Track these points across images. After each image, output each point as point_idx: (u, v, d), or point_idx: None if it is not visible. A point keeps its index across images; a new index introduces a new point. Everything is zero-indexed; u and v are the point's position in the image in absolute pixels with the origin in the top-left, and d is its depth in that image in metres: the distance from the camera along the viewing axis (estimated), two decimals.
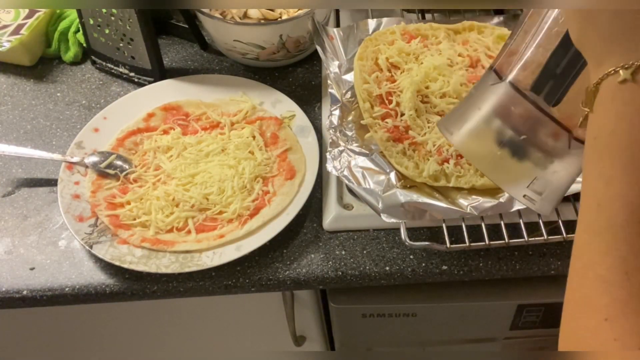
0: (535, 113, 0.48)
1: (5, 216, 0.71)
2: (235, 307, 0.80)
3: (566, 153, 0.48)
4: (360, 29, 0.80)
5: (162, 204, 0.68)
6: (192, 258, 0.64)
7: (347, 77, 0.74)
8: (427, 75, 0.71)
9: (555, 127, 0.48)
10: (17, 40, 0.85)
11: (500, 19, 0.83)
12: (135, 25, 0.79)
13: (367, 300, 0.74)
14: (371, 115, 0.68)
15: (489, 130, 0.50)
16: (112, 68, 0.86)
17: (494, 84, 0.50)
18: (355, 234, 0.68)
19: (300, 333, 0.84)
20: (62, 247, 0.68)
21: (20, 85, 0.86)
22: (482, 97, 0.51)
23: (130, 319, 0.83)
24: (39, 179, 0.75)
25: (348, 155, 0.66)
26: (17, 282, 0.65)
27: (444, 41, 0.77)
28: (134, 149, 0.75)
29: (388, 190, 0.63)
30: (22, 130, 0.80)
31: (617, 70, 0.37)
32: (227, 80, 0.82)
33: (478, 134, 0.51)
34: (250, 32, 0.78)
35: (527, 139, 0.49)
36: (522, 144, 0.49)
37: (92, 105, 0.83)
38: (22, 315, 0.78)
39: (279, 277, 0.65)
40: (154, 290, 0.65)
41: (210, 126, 0.77)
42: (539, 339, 0.81)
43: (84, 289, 0.65)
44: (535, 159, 0.49)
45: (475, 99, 0.52)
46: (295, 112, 0.77)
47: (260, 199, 0.69)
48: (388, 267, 0.65)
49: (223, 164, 0.71)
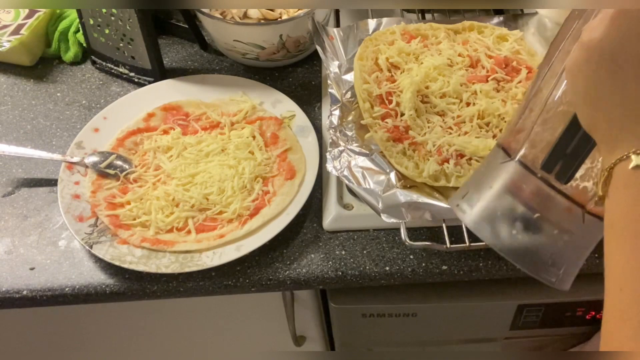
0: (547, 190, 0.47)
1: (5, 216, 0.71)
2: (235, 307, 0.80)
3: (581, 227, 0.48)
4: (360, 29, 0.80)
5: (162, 204, 0.68)
6: (192, 258, 0.64)
7: (347, 77, 0.74)
8: (427, 75, 0.71)
9: (569, 203, 0.47)
10: (17, 40, 0.85)
11: (500, 19, 0.83)
12: (135, 25, 0.79)
13: (367, 300, 0.74)
14: (371, 115, 0.68)
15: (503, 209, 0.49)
16: (112, 68, 0.86)
17: (504, 162, 0.50)
18: (355, 234, 0.68)
19: (300, 333, 0.84)
20: (62, 247, 0.68)
21: (20, 85, 0.86)
22: (493, 175, 0.51)
23: (130, 319, 0.83)
24: (39, 179, 0.75)
25: (348, 155, 0.66)
26: (17, 282, 0.65)
27: (444, 41, 0.77)
28: (134, 149, 0.75)
29: (388, 190, 0.63)
30: (22, 130, 0.80)
31: (629, 155, 0.38)
32: (227, 80, 0.82)
33: (491, 213, 0.50)
34: (250, 32, 0.79)
35: (540, 217, 0.48)
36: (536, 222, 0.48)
37: (92, 105, 0.83)
38: (22, 315, 0.78)
39: (279, 277, 0.65)
40: (154, 290, 0.65)
41: (210, 126, 0.77)
42: (539, 339, 0.81)
43: (84, 289, 0.65)
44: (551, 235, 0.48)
45: (486, 176, 0.51)
46: (295, 112, 0.77)
47: (260, 199, 0.69)
48: (388, 267, 0.65)
49: (223, 164, 0.71)
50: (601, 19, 0.39)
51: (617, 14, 0.38)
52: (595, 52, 0.39)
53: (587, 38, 0.39)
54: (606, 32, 0.38)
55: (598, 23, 0.39)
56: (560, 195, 0.47)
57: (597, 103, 0.40)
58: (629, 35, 0.37)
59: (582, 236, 0.48)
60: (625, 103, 0.38)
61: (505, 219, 0.49)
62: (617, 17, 0.38)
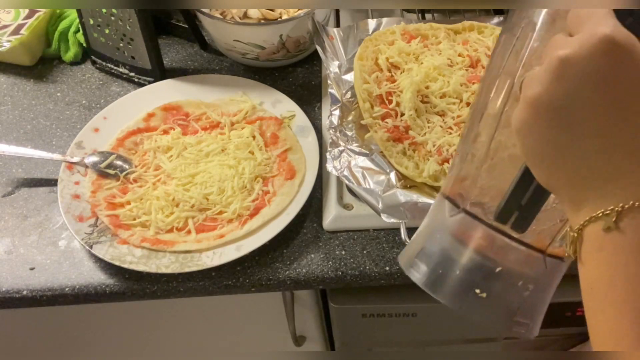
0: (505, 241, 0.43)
1: (5, 216, 0.71)
2: (235, 307, 0.80)
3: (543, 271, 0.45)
4: (360, 29, 0.80)
5: (162, 204, 0.68)
6: (192, 258, 0.64)
7: (347, 77, 0.74)
8: (427, 75, 0.71)
9: (528, 250, 0.44)
10: (17, 40, 0.85)
11: (500, 19, 0.83)
12: (135, 25, 0.79)
13: (367, 300, 0.74)
14: (371, 115, 0.68)
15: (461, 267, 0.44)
16: (112, 68, 0.86)
17: (453, 214, 0.45)
18: (355, 234, 0.68)
19: (300, 333, 0.84)
20: (62, 247, 0.68)
21: (20, 85, 0.86)
22: (443, 230, 0.46)
23: (130, 319, 0.83)
24: (39, 179, 0.75)
25: (348, 155, 0.66)
26: (17, 282, 0.65)
27: (444, 41, 0.77)
28: (134, 149, 0.75)
29: (388, 190, 0.63)
30: (22, 130, 0.80)
31: (598, 216, 0.35)
32: (227, 80, 0.82)
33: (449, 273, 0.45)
34: (250, 32, 0.78)
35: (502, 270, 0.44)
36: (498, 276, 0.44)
37: (92, 105, 0.83)
38: (22, 315, 0.78)
39: (279, 277, 0.65)
40: (154, 290, 0.65)
41: (210, 126, 0.77)
42: (539, 339, 0.81)
43: (84, 289, 0.65)
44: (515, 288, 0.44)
45: (436, 232, 0.47)
46: (295, 112, 0.77)
47: (260, 199, 0.69)
48: (388, 267, 0.65)
49: (223, 164, 0.71)
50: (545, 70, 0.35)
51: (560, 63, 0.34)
52: (544, 108, 0.35)
53: (532, 93, 0.35)
54: (552, 85, 0.34)
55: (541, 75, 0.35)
56: (520, 244, 0.43)
57: (555, 162, 0.36)
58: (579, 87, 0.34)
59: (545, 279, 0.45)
60: (586, 160, 0.35)
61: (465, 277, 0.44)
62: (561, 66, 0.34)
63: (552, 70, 0.34)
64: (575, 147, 0.35)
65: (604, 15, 0.34)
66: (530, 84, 0.36)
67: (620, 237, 0.34)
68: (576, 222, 0.36)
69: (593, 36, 0.33)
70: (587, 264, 0.36)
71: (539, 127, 0.36)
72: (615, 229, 0.34)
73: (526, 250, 0.44)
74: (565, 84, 0.34)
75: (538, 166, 0.38)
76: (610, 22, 0.34)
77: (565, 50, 0.34)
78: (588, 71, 0.33)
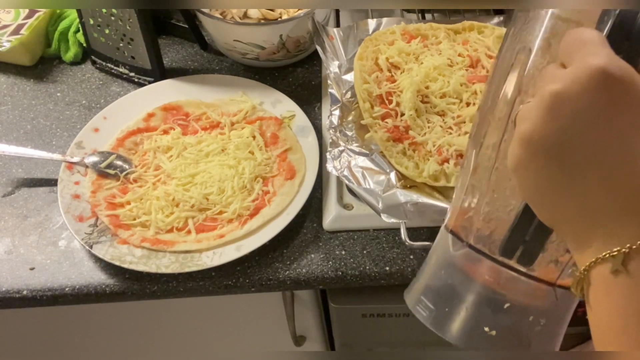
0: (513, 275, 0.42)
1: (5, 216, 0.71)
2: (235, 307, 0.80)
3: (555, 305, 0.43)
4: (360, 29, 0.80)
5: (162, 204, 0.68)
6: (192, 258, 0.64)
7: (347, 77, 0.74)
8: (427, 75, 0.71)
9: (537, 284, 0.42)
10: (17, 40, 0.85)
11: (500, 19, 0.83)
12: (135, 25, 0.79)
13: (367, 300, 0.74)
14: (371, 115, 0.68)
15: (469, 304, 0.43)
16: (112, 68, 0.86)
17: (458, 250, 0.44)
18: (355, 234, 0.68)
19: (300, 333, 0.84)
20: (62, 247, 0.68)
21: (20, 85, 0.86)
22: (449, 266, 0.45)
23: (130, 319, 0.83)
24: (39, 179, 0.75)
25: (348, 155, 0.66)
26: (17, 282, 0.65)
27: (444, 41, 0.77)
28: (134, 149, 0.75)
29: (388, 190, 0.63)
30: (22, 130, 0.80)
31: (604, 257, 0.33)
32: (227, 80, 0.82)
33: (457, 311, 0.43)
34: (250, 32, 0.78)
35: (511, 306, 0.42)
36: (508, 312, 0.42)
37: (92, 105, 0.83)
38: (22, 315, 0.78)
39: (279, 277, 0.65)
40: (154, 290, 0.65)
41: (210, 126, 0.77)
42: None
43: (84, 289, 0.65)
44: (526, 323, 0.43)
45: (442, 267, 0.45)
46: (295, 112, 0.77)
47: (260, 199, 0.69)
48: (388, 267, 0.65)
49: (223, 164, 0.71)
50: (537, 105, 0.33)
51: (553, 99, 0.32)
52: (539, 145, 0.33)
53: (524, 129, 0.34)
54: (545, 121, 0.32)
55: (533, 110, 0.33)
56: (528, 278, 0.41)
57: (555, 201, 0.34)
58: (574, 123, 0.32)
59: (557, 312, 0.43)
60: (589, 199, 0.33)
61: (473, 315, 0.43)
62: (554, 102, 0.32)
63: (544, 106, 0.32)
64: (576, 186, 0.33)
65: (597, 44, 0.32)
66: (523, 119, 0.34)
67: (629, 282, 0.32)
68: (581, 263, 0.34)
69: (586, 69, 0.31)
70: (596, 308, 0.34)
71: (536, 165, 0.34)
72: (624, 272, 0.32)
73: (535, 283, 0.42)
74: (559, 121, 0.32)
75: (538, 205, 0.36)
76: (604, 52, 0.32)
77: (557, 85, 0.32)
78: (583, 107, 0.31)
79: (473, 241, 0.43)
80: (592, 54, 0.32)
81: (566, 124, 0.32)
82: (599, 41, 0.32)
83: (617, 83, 0.31)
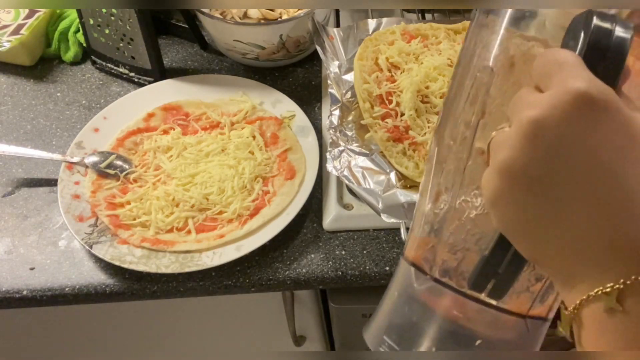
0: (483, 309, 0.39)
1: (5, 216, 0.71)
2: (235, 307, 0.80)
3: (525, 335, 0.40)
4: (360, 29, 0.80)
5: (162, 204, 0.68)
6: (192, 258, 0.64)
7: (347, 77, 0.74)
8: (427, 75, 0.71)
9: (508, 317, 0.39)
10: (17, 40, 0.85)
11: None
12: (135, 25, 0.79)
13: (367, 300, 0.74)
14: (371, 115, 0.68)
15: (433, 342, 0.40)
16: (112, 68, 0.86)
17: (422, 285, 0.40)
18: (355, 234, 0.68)
19: (300, 333, 0.84)
20: (62, 247, 0.68)
21: (20, 85, 0.86)
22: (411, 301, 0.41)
23: (130, 319, 0.83)
24: (39, 179, 0.75)
25: (348, 155, 0.66)
26: (17, 282, 0.65)
27: (444, 41, 0.77)
28: (134, 149, 0.75)
29: (388, 190, 0.63)
30: (22, 130, 0.80)
31: (596, 294, 0.30)
32: (227, 80, 0.82)
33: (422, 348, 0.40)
34: (250, 32, 0.78)
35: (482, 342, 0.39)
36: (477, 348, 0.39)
37: (92, 105, 0.83)
38: (22, 315, 0.78)
39: (279, 277, 0.65)
40: (154, 290, 0.65)
41: (210, 126, 0.77)
42: None
43: (84, 289, 0.65)
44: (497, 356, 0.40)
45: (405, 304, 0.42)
46: (295, 112, 0.77)
47: (260, 199, 0.69)
48: (388, 267, 0.65)
49: (223, 164, 0.71)
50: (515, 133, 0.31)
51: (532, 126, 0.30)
52: (519, 175, 0.31)
53: (503, 158, 0.31)
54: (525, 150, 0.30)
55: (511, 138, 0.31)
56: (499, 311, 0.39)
57: (539, 235, 0.31)
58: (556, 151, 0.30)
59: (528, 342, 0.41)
60: (576, 231, 0.30)
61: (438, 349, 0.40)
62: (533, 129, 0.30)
63: (523, 134, 0.30)
64: (562, 218, 0.30)
65: (575, 66, 0.30)
66: (499, 148, 0.32)
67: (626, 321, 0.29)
68: (570, 301, 0.32)
69: (566, 93, 0.29)
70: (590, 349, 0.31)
71: (516, 197, 0.31)
72: (620, 310, 0.29)
73: (507, 317, 0.39)
74: (540, 149, 0.30)
75: (519, 239, 0.33)
76: (584, 75, 0.30)
77: (535, 111, 0.30)
78: (564, 133, 0.29)
79: (439, 274, 0.39)
80: (571, 76, 0.30)
81: (548, 152, 0.30)
82: (576, 63, 0.30)
83: (600, 107, 0.29)
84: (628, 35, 0.31)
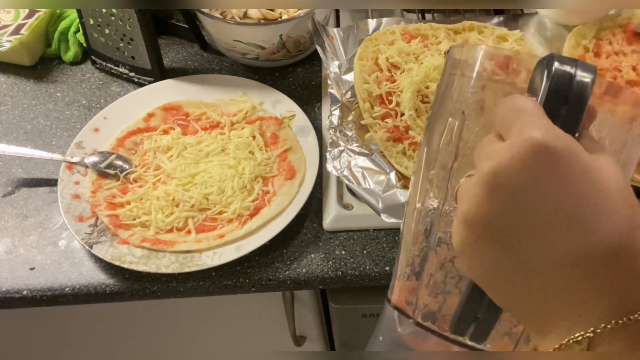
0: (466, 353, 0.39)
1: (5, 216, 0.71)
2: (235, 307, 0.80)
3: None
4: (360, 29, 0.80)
5: (162, 204, 0.68)
6: (192, 258, 0.64)
7: (347, 77, 0.74)
8: (427, 75, 0.71)
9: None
10: (17, 40, 0.85)
11: (500, 19, 0.83)
12: (135, 25, 0.79)
13: (367, 300, 0.74)
14: (371, 115, 0.68)
15: None
16: (112, 68, 0.86)
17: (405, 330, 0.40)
18: (355, 234, 0.68)
19: (300, 333, 0.84)
20: (62, 247, 0.68)
21: (20, 85, 0.86)
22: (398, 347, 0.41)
23: (130, 319, 0.83)
24: (39, 179, 0.75)
25: (348, 155, 0.66)
26: (17, 282, 0.65)
27: (444, 41, 0.77)
28: (134, 149, 0.75)
29: (388, 190, 0.63)
30: (22, 130, 0.80)
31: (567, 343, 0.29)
32: (227, 80, 0.82)
33: None
34: (250, 32, 0.78)
35: None
36: None
37: (92, 105, 0.83)
38: (22, 315, 0.78)
39: (279, 277, 0.65)
40: (154, 290, 0.65)
41: (210, 126, 0.77)
42: None
43: (84, 289, 0.65)
44: None
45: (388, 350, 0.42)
46: (295, 112, 0.77)
47: (260, 199, 0.69)
48: (388, 267, 0.65)
49: (223, 164, 0.71)
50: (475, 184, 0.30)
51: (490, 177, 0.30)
52: (483, 227, 0.31)
53: (465, 210, 0.31)
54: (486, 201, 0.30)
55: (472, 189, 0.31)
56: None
57: (508, 285, 0.31)
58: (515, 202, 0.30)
59: None
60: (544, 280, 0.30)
61: None
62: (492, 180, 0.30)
63: (482, 185, 0.30)
64: (527, 268, 0.30)
65: (533, 114, 0.30)
66: (463, 198, 0.32)
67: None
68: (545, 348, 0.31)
69: (523, 143, 0.29)
70: None
71: (482, 248, 0.31)
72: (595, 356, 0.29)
73: None
74: (500, 200, 0.30)
75: (489, 287, 0.33)
76: (541, 124, 0.29)
77: (494, 162, 0.30)
78: (524, 184, 0.29)
79: (421, 318, 0.39)
80: (529, 125, 0.29)
81: (508, 203, 0.30)
82: (534, 111, 0.30)
83: (558, 156, 0.29)
84: (589, 78, 0.31)
